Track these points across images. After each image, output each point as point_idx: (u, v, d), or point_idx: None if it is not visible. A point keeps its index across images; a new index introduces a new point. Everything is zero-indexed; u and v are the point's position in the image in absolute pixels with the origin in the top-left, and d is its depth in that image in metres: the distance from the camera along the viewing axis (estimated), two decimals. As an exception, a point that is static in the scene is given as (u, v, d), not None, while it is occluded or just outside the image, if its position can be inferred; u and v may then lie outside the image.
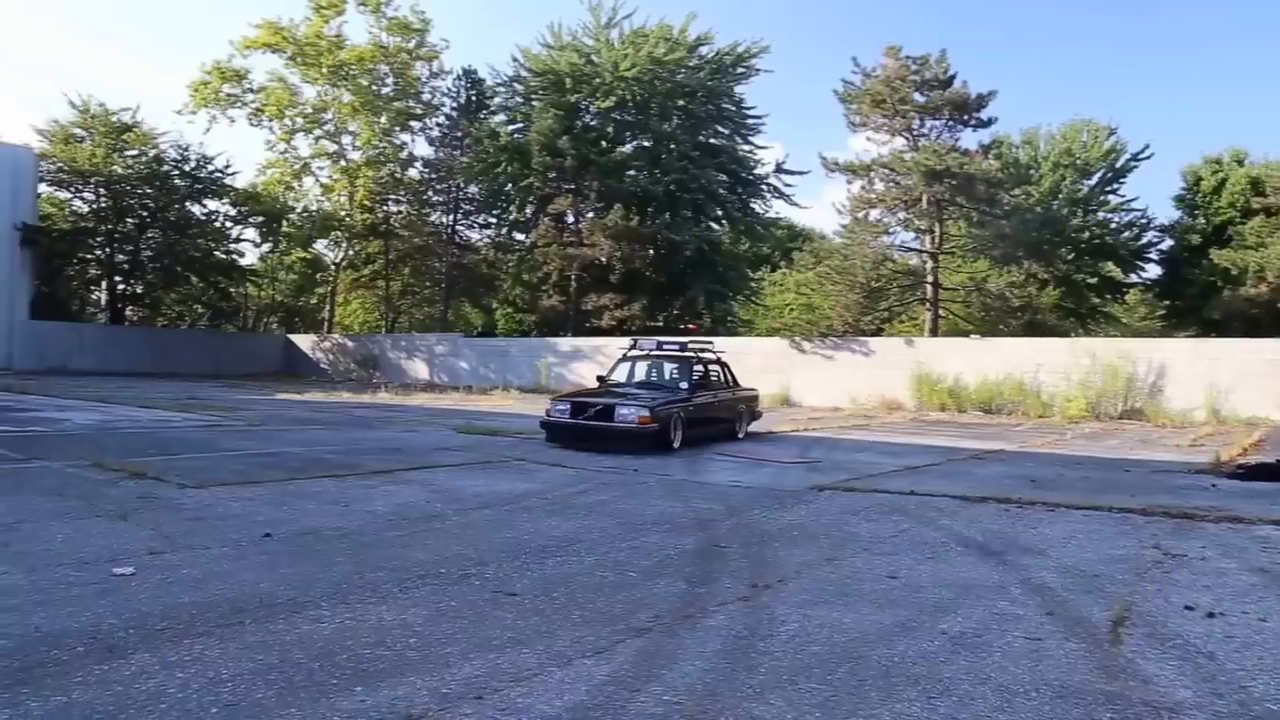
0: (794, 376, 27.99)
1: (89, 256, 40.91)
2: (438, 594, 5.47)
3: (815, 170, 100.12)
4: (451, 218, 42.45)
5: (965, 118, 33.14)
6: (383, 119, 41.94)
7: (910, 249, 36.36)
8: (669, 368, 15.71)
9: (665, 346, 16.12)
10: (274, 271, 46.03)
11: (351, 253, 43.37)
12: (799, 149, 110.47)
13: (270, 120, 42.41)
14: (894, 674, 4.29)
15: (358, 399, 24.78)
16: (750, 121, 39.75)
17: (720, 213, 39.58)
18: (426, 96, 43.16)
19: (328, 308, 45.35)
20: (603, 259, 35.71)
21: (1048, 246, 36.05)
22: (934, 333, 33.13)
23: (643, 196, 36.75)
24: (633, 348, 16.40)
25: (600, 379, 15.77)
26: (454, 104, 42.99)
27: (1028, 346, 25.56)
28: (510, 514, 8.25)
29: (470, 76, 42.97)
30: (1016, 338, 29.14)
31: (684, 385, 14.76)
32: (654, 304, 37.57)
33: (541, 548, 6.88)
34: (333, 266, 44.67)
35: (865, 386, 26.69)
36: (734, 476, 11.19)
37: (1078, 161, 39.63)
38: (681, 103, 37.76)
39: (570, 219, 38.41)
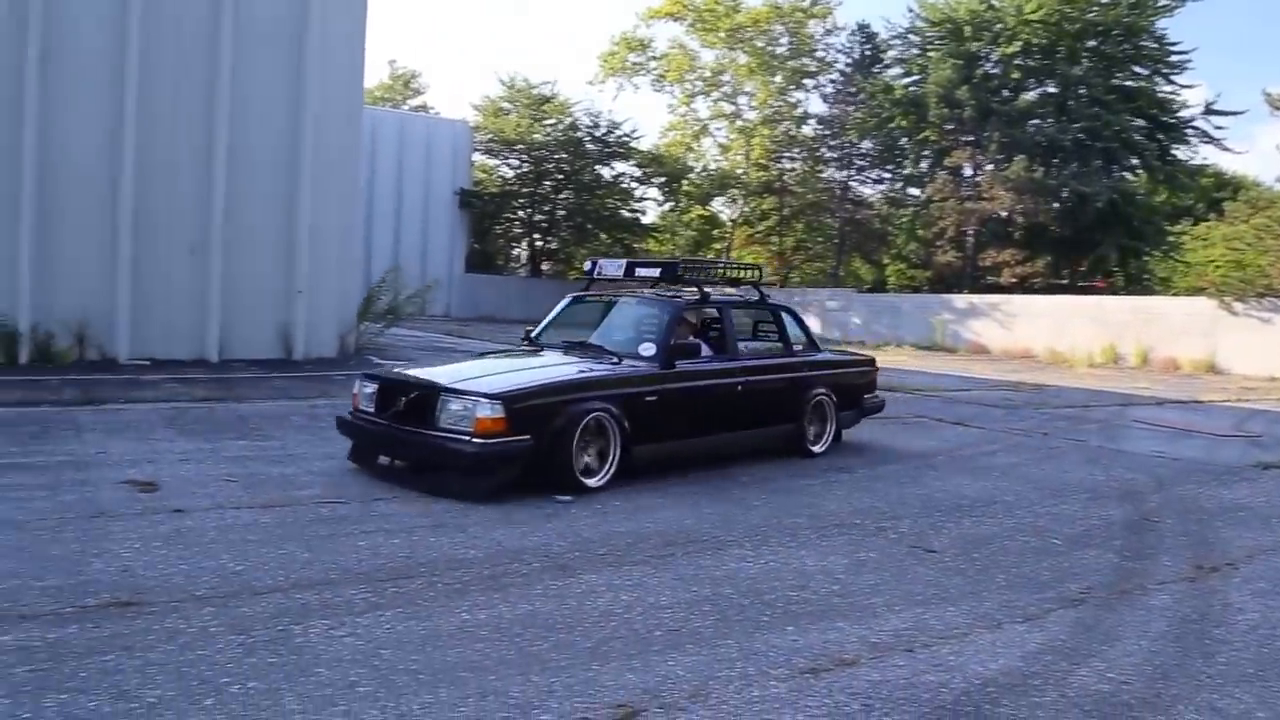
0: (1221, 341, 25.02)
1: (513, 216, 44.93)
2: (855, 544, 5.51)
3: (1253, 109, 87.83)
4: (844, 174, 42.06)
5: None
6: (778, 78, 42.15)
7: (1379, 196, 31.20)
8: (640, 315, 8.08)
9: (640, 273, 8.34)
10: (674, 228, 48.05)
11: (746, 210, 44.26)
12: (1233, 87, 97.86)
13: (671, 85, 44.04)
14: (1392, 682, 3.75)
15: (751, 353, 25.37)
16: (1174, 59, 35.75)
17: (1136, 161, 36.05)
18: (820, 54, 42.80)
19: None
20: (1003, 213, 33.83)
21: None
22: None
23: (1047, 146, 34.28)
24: (591, 279, 8.72)
25: (527, 335, 8.49)
26: (847, 60, 42.32)
27: None
28: (917, 470, 8.12)
29: (864, 31, 42.08)
30: None
31: (648, 350, 7.32)
32: (1058, 260, 35.10)
33: (955, 506, 6.72)
34: (729, 223, 45.89)
35: (1314, 355, 23.34)
36: (1157, 447, 10.24)
37: None
38: (1093, 43, 34.67)
39: (968, 172, 36.69)
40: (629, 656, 3.63)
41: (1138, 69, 36.00)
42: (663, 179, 43.62)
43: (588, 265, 8.80)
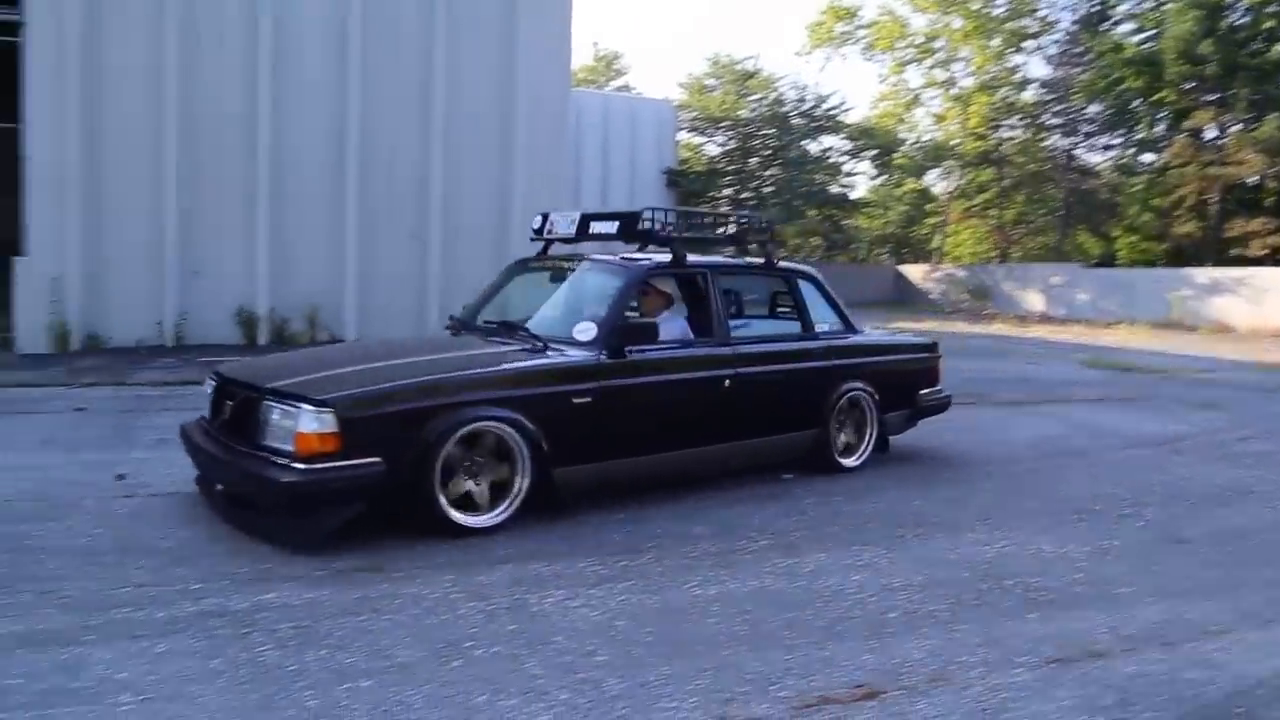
0: None
1: (719, 195, 44.95)
2: (1096, 531, 5.21)
3: None
4: (1069, 141, 39.81)
5: None
6: (995, 41, 40.27)
7: None
8: (587, 287, 6.11)
9: (596, 229, 6.14)
10: (885, 203, 46.88)
11: (962, 182, 42.66)
12: None
13: (881, 54, 42.92)
14: None
15: (971, 329, 24.50)
16: None
17: None
18: (1042, 13, 40.56)
19: (938, 238, 45.29)
20: (1251, 178, 31.21)
21: None
22: None
23: (1306, 103, 31.37)
24: (545, 240, 6.57)
25: (454, 320, 6.51)
26: (1072, 18, 39.98)
27: None
28: (1161, 455, 7.59)
29: (1091, -14, 39.69)
30: None
31: (585, 333, 5.29)
32: (1316, 229, 32.09)
33: (1206, 495, 6.24)
34: (943, 196, 44.37)
35: None
36: None
37: None
38: (1366, -20, 31.41)
39: (1211, 134, 33.98)
40: (864, 637, 3.57)
41: None
42: (874, 152, 42.61)
43: (536, 221, 6.59)
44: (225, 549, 4.30)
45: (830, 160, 42.93)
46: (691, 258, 6.09)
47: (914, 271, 41.82)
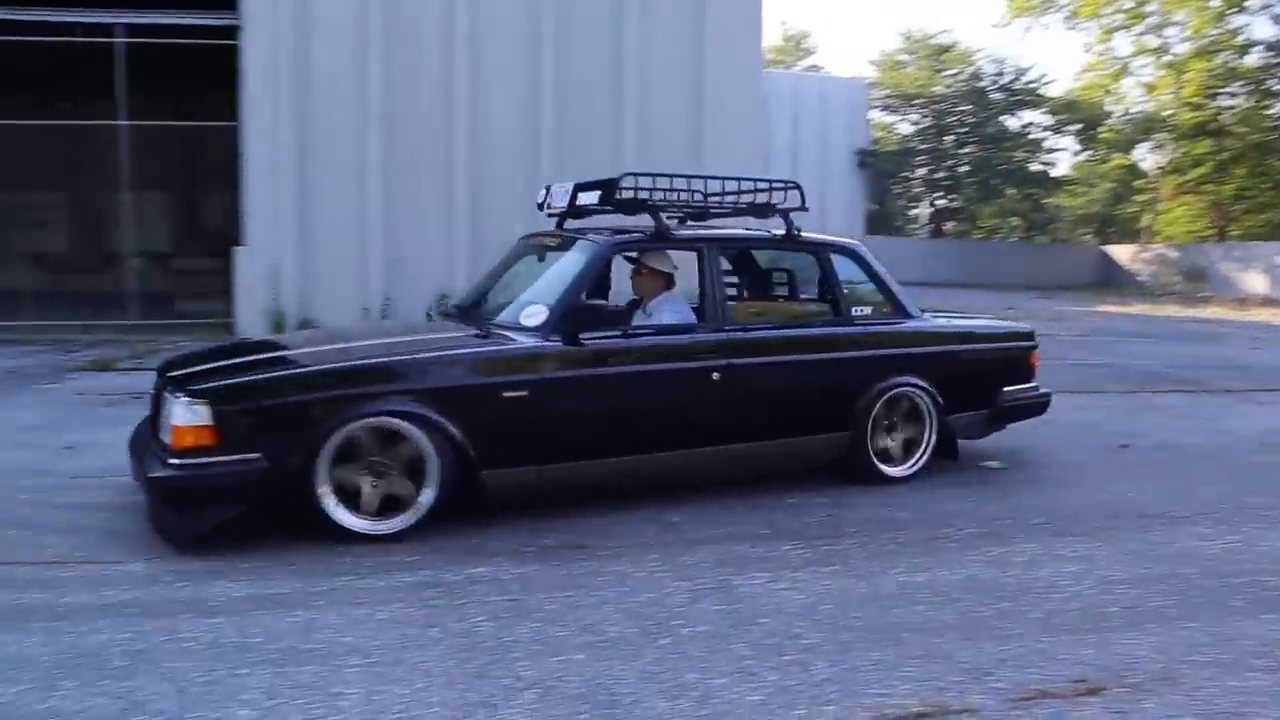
0: None
1: (912, 176, 43.73)
2: (1335, 529, 4.81)
3: None
4: (1299, 107, 36.74)
5: None
6: (1214, 3, 37.54)
7: None
8: (557, 265, 5.30)
9: (583, 199, 5.36)
10: (1089, 180, 44.51)
11: (1175, 156, 39.98)
12: None
13: (1086, 21, 40.65)
14: None
15: (1184, 313, 22.96)
16: None
17: None
18: (1270, -32, 37.60)
19: (1147, 216, 42.67)
20: None
21: None
22: None
23: None
24: (557, 214, 5.75)
25: (446, 305, 5.57)
26: (1307, -29, 36.82)
27: None
28: None
29: (1329, -66, 36.35)
30: None
31: (533, 317, 4.65)
32: None
33: None
34: (1154, 172, 41.73)
35: None
36: None
37: None
38: None
39: None
40: (1083, 631, 3.42)
41: None
42: (1078, 126, 40.49)
43: (540, 194, 5.89)
44: (433, 522, 4.41)
45: (1030, 136, 41.17)
46: (686, 229, 5.48)
47: (1121, 252, 39.61)
